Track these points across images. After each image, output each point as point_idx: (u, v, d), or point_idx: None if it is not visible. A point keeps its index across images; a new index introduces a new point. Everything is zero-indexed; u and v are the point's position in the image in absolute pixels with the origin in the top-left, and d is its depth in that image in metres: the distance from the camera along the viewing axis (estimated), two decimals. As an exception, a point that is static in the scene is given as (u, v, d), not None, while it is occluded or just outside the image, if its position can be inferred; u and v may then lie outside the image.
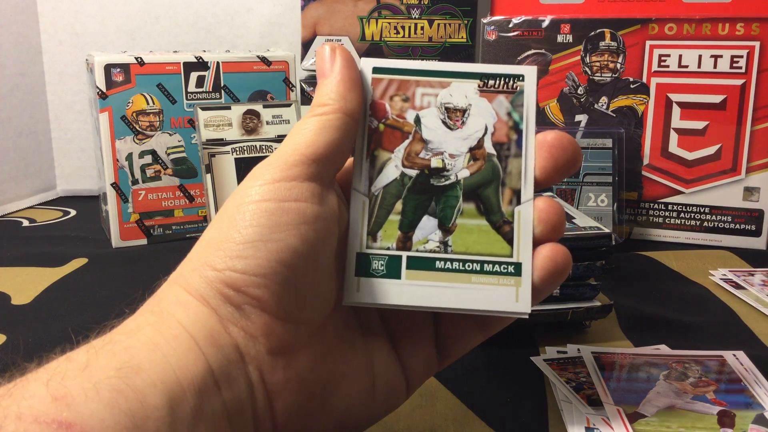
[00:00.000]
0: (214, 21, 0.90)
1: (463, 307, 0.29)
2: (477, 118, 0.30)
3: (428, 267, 0.29)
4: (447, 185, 0.30)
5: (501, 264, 0.29)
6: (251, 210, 0.26)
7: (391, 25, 0.75)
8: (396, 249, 0.29)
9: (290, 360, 0.27)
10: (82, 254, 0.65)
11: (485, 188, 0.30)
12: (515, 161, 0.30)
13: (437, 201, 0.30)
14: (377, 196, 0.30)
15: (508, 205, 0.29)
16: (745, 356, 0.42)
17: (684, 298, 0.54)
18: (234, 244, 0.25)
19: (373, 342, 0.30)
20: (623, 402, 0.36)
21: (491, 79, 0.30)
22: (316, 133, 0.28)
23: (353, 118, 0.29)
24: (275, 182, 0.26)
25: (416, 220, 0.29)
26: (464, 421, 0.36)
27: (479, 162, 0.30)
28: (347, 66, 0.29)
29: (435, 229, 0.29)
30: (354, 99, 0.29)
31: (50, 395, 0.21)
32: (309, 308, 0.27)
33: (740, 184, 0.68)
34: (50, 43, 0.90)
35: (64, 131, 0.93)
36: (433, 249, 0.29)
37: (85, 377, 0.22)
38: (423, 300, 0.29)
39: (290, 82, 0.73)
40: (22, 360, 0.24)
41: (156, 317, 0.25)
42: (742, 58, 0.66)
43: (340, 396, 0.29)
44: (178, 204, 0.71)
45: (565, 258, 0.29)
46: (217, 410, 0.24)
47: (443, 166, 0.30)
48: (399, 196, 0.30)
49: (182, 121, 0.70)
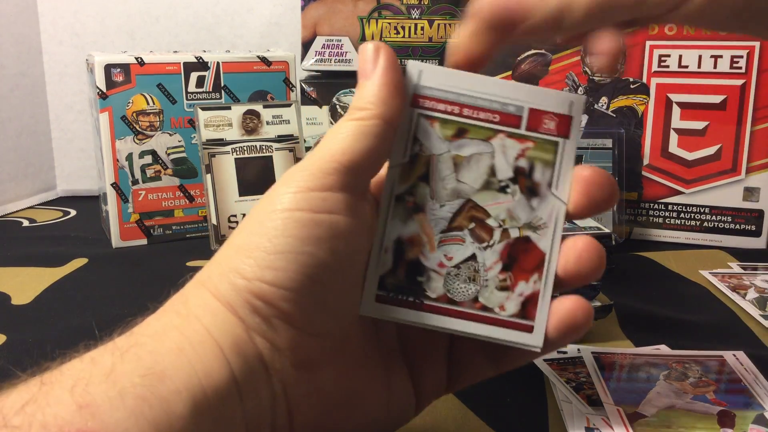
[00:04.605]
0: (214, 21, 0.90)
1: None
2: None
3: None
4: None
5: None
6: (283, 218, 0.25)
7: (391, 25, 0.75)
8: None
9: (313, 374, 0.26)
10: (82, 254, 0.65)
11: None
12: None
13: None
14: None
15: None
16: (745, 356, 0.42)
17: (684, 298, 0.54)
18: (265, 254, 0.25)
19: (391, 360, 0.30)
20: (623, 402, 0.36)
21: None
22: (353, 139, 0.26)
23: (392, 125, 0.27)
24: (309, 191, 0.25)
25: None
26: (464, 421, 0.36)
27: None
28: (390, 68, 0.28)
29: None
30: (395, 105, 0.27)
31: (75, 402, 0.21)
32: (333, 322, 0.26)
33: (740, 184, 0.68)
34: (50, 43, 0.90)
35: (64, 131, 0.93)
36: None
37: (110, 384, 0.22)
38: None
39: (290, 83, 0.73)
40: (22, 360, 0.24)
41: (182, 320, 0.25)
42: (742, 58, 0.66)
43: (358, 412, 0.28)
44: (178, 204, 0.71)
45: (585, 314, 0.28)
46: (237, 419, 0.24)
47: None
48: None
49: (182, 121, 0.70)
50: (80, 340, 0.25)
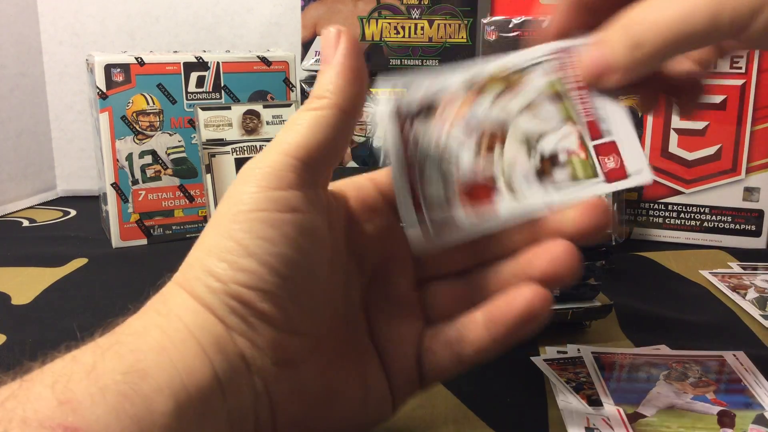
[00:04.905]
0: (214, 21, 0.90)
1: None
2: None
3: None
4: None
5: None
6: (249, 219, 0.25)
7: (391, 25, 0.75)
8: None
9: (294, 372, 0.27)
10: (82, 254, 0.65)
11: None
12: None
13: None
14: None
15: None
16: (745, 356, 0.42)
17: (684, 298, 0.54)
18: (236, 257, 0.25)
19: (366, 357, 0.30)
20: (623, 402, 0.36)
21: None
22: (309, 131, 0.26)
23: (351, 114, 0.27)
24: (269, 190, 0.25)
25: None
26: (464, 421, 0.36)
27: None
28: (349, 54, 0.27)
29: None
30: (353, 93, 0.27)
31: (56, 399, 0.21)
32: (309, 319, 0.27)
33: (740, 184, 0.68)
34: (50, 43, 0.90)
35: (64, 131, 0.93)
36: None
37: (91, 381, 0.22)
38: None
39: (290, 83, 0.73)
40: (24, 360, 0.24)
41: (163, 319, 0.25)
42: (742, 58, 0.66)
43: (338, 408, 0.29)
44: (178, 204, 0.71)
45: (543, 303, 0.28)
46: (220, 418, 0.24)
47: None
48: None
49: (182, 121, 0.70)
50: (80, 340, 0.25)
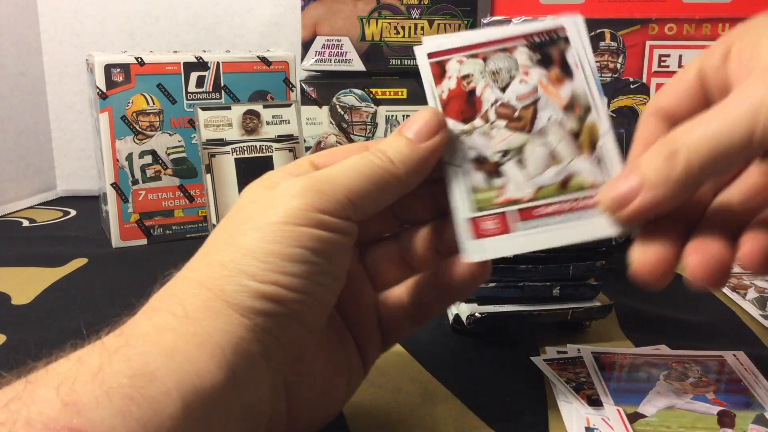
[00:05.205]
0: (214, 21, 0.90)
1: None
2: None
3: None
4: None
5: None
6: (296, 231, 0.27)
7: (391, 25, 0.75)
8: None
9: (306, 364, 0.29)
10: (82, 254, 0.65)
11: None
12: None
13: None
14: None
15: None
16: (745, 356, 0.42)
17: (684, 298, 0.54)
18: (279, 260, 0.26)
19: (346, 337, 0.33)
20: (623, 402, 0.36)
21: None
22: (369, 184, 0.29)
23: (406, 186, 0.30)
24: (318, 211, 0.27)
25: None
26: (464, 421, 0.36)
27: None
28: (436, 151, 0.30)
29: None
30: (418, 179, 0.31)
31: (60, 400, 0.21)
32: (326, 315, 0.29)
33: (740, 184, 0.68)
34: (50, 43, 0.90)
35: (64, 131, 0.93)
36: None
37: (97, 383, 0.22)
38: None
39: (290, 82, 0.73)
40: (24, 360, 0.24)
41: (178, 321, 0.25)
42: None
43: (333, 393, 0.32)
44: (178, 204, 0.71)
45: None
46: (232, 414, 0.25)
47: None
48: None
49: (182, 121, 0.70)
50: (80, 340, 0.25)
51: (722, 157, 0.26)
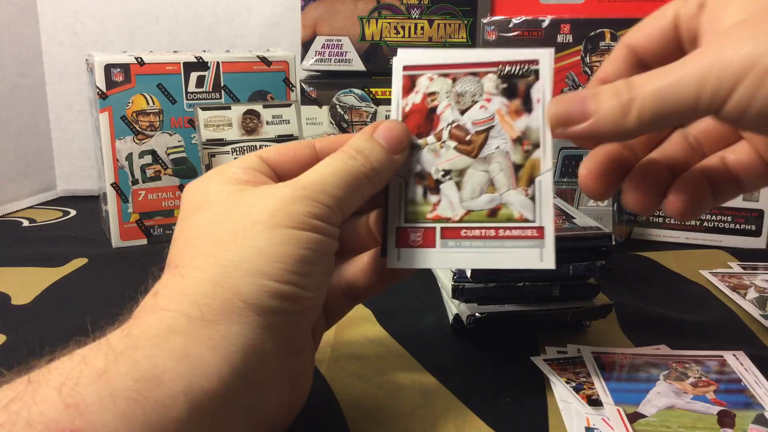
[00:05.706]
0: (214, 21, 0.90)
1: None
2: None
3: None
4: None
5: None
6: (306, 236, 0.29)
7: (391, 25, 0.75)
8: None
9: (301, 357, 0.31)
10: (82, 254, 0.65)
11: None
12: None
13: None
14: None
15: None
16: (745, 356, 0.42)
17: (684, 298, 0.54)
18: (294, 261, 0.28)
19: (319, 318, 0.35)
20: (623, 402, 0.36)
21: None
22: (348, 186, 0.31)
23: (383, 179, 0.33)
24: (315, 218, 0.29)
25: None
26: (464, 421, 0.36)
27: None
28: (400, 163, 0.33)
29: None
30: (390, 174, 0.33)
31: (62, 401, 0.21)
32: (320, 310, 0.32)
33: (740, 184, 0.68)
34: (50, 43, 0.90)
35: (64, 131, 0.93)
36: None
37: (101, 384, 0.22)
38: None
39: (290, 82, 0.73)
40: (25, 360, 0.24)
41: (192, 324, 0.25)
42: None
43: (310, 366, 0.33)
44: (178, 204, 0.71)
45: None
46: (237, 412, 0.25)
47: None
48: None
49: (182, 121, 0.70)
50: (84, 337, 0.25)
51: (670, 115, 0.27)
